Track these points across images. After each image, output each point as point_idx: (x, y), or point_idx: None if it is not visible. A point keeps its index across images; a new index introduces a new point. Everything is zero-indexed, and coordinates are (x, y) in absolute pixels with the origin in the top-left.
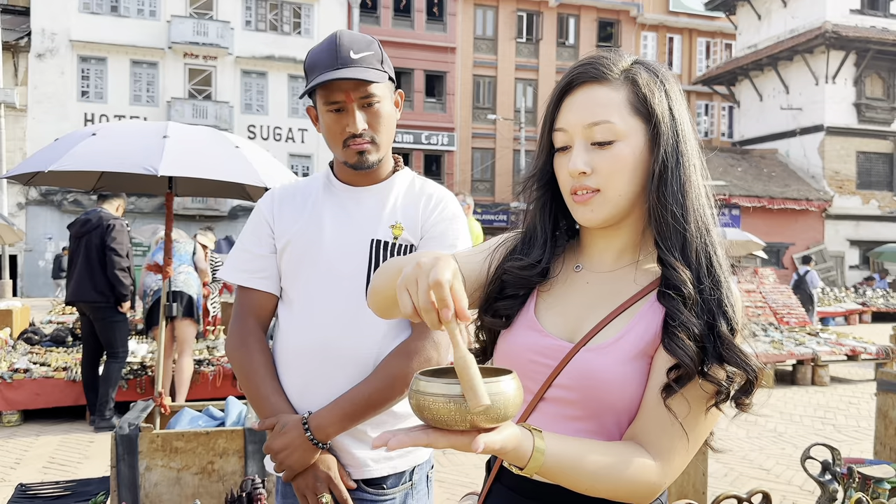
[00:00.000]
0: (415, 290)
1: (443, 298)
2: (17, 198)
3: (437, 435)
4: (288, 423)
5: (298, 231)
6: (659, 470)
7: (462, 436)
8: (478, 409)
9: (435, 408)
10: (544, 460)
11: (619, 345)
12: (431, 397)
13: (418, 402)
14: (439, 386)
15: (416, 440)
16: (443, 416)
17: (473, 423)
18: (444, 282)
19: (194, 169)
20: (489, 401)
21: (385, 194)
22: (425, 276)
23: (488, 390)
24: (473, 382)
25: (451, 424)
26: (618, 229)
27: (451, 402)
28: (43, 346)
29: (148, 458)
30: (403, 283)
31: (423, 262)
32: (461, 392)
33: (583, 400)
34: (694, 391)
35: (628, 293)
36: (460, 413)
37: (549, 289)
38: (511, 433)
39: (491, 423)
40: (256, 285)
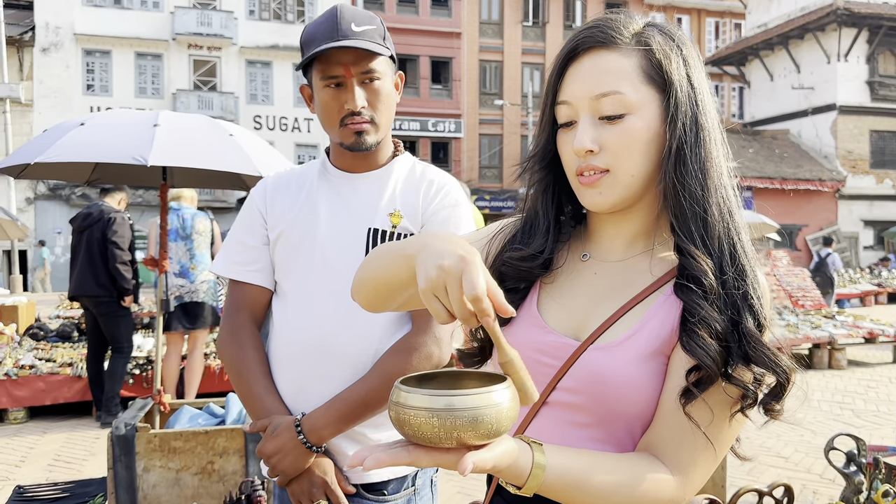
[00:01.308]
0: (446, 298)
1: (483, 310)
2: (25, 193)
3: (420, 453)
4: (280, 426)
5: (292, 221)
6: (677, 486)
7: (448, 454)
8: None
9: (416, 423)
10: (545, 478)
11: (631, 343)
12: (412, 411)
13: (398, 416)
14: (421, 398)
15: (397, 458)
16: (425, 432)
17: (461, 439)
18: (481, 294)
19: (186, 158)
20: (532, 392)
21: (384, 181)
22: (456, 284)
23: (475, 402)
24: (524, 381)
25: (435, 441)
26: (629, 214)
27: (435, 417)
28: (49, 341)
29: (146, 459)
30: (430, 290)
31: (449, 267)
32: (446, 405)
33: (590, 405)
34: (717, 396)
35: (641, 285)
36: (445, 429)
37: (552, 281)
38: (505, 449)
39: (481, 439)
40: (249, 279)
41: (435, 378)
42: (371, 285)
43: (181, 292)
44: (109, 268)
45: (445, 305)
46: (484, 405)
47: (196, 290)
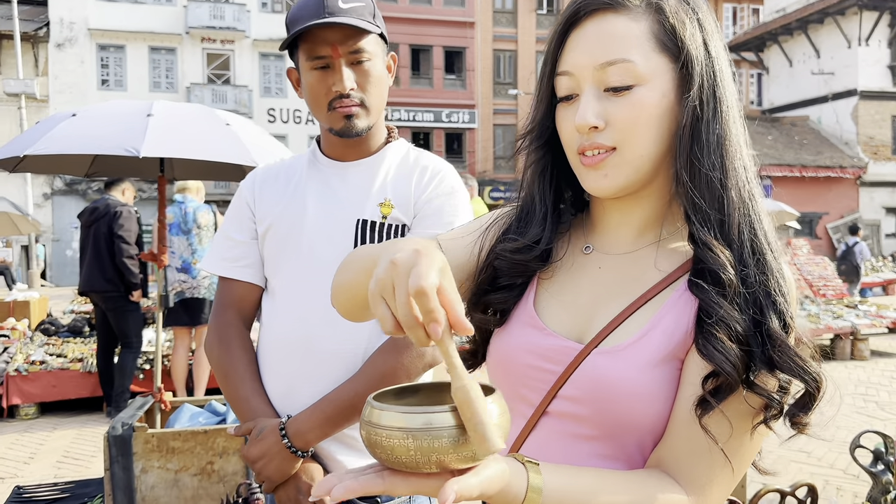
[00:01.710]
0: (392, 299)
1: (430, 311)
2: (42, 188)
3: (395, 480)
4: (265, 429)
5: (280, 214)
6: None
7: (429, 479)
8: (487, 454)
9: (390, 445)
10: (542, 502)
11: (641, 346)
12: (385, 431)
13: (369, 437)
14: (395, 416)
15: (369, 487)
16: (400, 455)
17: (442, 463)
18: (428, 289)
19: (180, 149)
20: (503, 444)
21: (374, 169)
22: (404, 279)
23: (457, 419)
24: (478, 420)
25: (412, 466)
26: (638, 199)
27: (410, 438)
28: (60, 336)
29: (143, 460)
30: (377, 291)
31: (400, 260)
32: (424, 423)
33: (595, 415)
34: (737, 406)
35: (651, 280)
36: (423, 451)
37: (551, 276)
38: (494, 472)
39: (465, 462)
40: (237, 275)
41: (417, 392)
42: (345, 295)
43: (182, 287)
44: (116, 262)
45: (392, 309)
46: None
47: (198, 285)
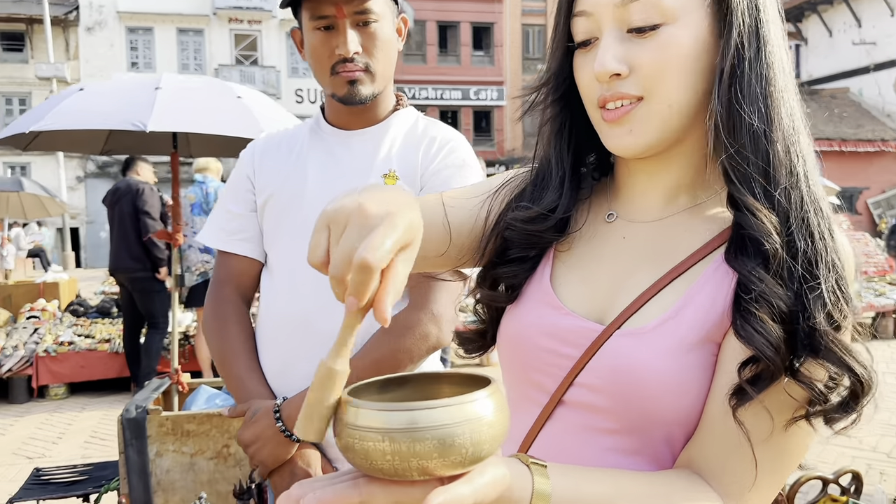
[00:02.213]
0: (336, 239)
1: (359, 284)
2: (75, 171)
3: (374, 489)
4: (259, 411)
5: (280, 185)
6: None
7: (413, 488)
8: (299, 434)
9: (363, 448)
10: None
11: (671, 327)
12: (359, 432)
13: (342, 438)
14: (371, 414)
15: (343, 497)
16: (376, 461)
17: (426, 469)
18: (373, 266)
19: (188, 123)
20: (316, 436)
21: (380, 137)
22: (356, 233)
23: (442, 418)
24: (311, 401)
25: (390, 474)
26: (668, 159)
27: (388, 441)
28: (88, 317)
29: (158, 443)
30: (329, 217)
31: (367, 210)
32: (405, 423)
33: (617, 406)
34: (778, 397)
35: (684, 252)
36: (402, 456)
37: (569, 248)
38: (492, 479)
39: (454, 468)
40: (235, 248)
41: (404, 384)
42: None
43: (206, 268)
44: (142, 239)
45: (329, 245)
46: (455, 422)
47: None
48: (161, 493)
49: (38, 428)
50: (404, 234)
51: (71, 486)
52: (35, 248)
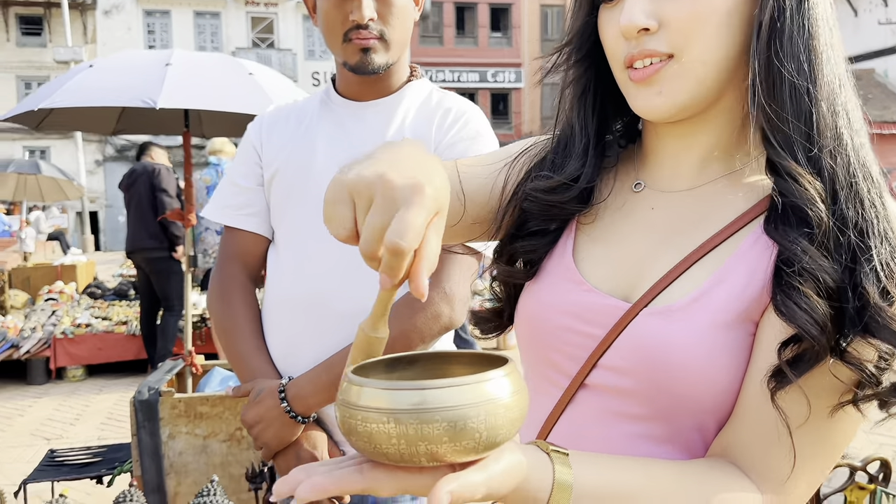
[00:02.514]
0: (363, 213)
1: (393, 267)
2: (94, 155)
3: (378, 475)
4: (263, 391)
5: (287, 158)
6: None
7: (421, 476)
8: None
9: (367, 431)
10: (573, 502)
11: (704, 304)
12: (362, 413)
13: (344, 421)
14: (375, 393)
15: (344, 484)
16: (380, 444)
17: (436, 455)
18: (405, 250)
19: (199, 100)
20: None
21: (392, 109)
22: (386, 209)
23: (454, 398)
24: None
25: (397, 459)
26: (702, 122)
27: (393, 423)
28: (106, 300)
29: (171, 425)
30: (351, 187)
31: (393, 183)
32: (413, 403)
33: (644, 390)
34: (821, 380)
35: (719, 223)
36: (409, 440)
37: (592, 220)
38: (507, 467)
39: (466, 454)
40: (241, 224)
41: (414, 363)
42: None
43: None
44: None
45: (357, 219)
46: (468, 403)
47: None
48: (174, 475)
49: (55, 409)
50: (433, 204)
51: (84, 468)
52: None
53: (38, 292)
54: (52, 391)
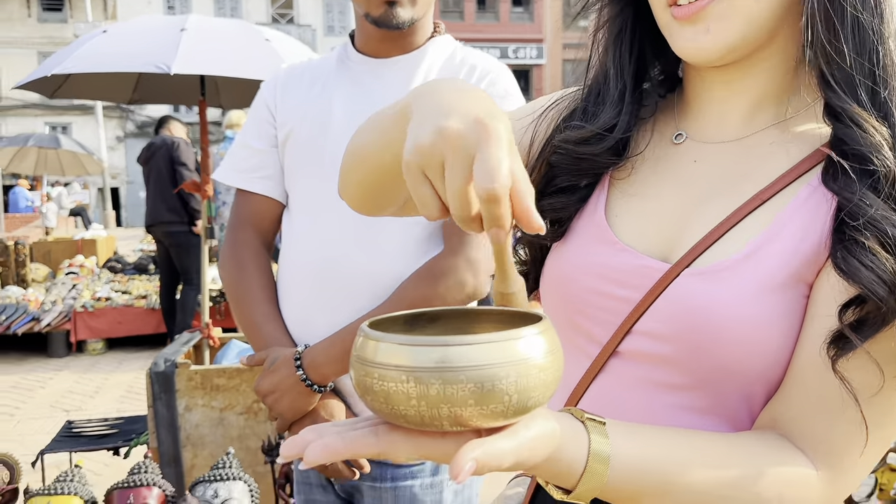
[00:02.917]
0: (440, 181)
1: (497, 217)
2: (115, 131)
3: (395, 439)
4: (278, 360)
5: (302, 118)
6: (824, 487)
7: (443, 441)
8: None
9: (384, 390)
10: (610, 476)
11: (753, 264)
12: (379, 370)
13: (359, 379)
14: (393, 349)
15: (357, 446)
16: (398, 405)
17: (460, 419)
18: (500, 193)
19: (215, 66)
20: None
21: (414, 67)
22: (463, 162)
23: (483, 356)
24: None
25: (416, 422)
26: (752, 66)
27: (413, 382)
28: (126, 273)
29: (187, 397)
30: (418, 165)
31: (454, 133)
32: (436, 361)
33: (685, 357)
34: (888, 345)
35: (768, 175)
36: (430, 402)
37: (628, 175)
38: (539, 433)
39: (494, 418)
40: (254, 187)
41: (436, 319)
42: (357, 171)
43: None
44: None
45: (439, 193)
46: (497, 362)
47: None
48: (190, 448)
49: (75, 382)
50: (505, 133)
51: (101, 440)
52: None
53: (59, 266)
54: (73, 364)
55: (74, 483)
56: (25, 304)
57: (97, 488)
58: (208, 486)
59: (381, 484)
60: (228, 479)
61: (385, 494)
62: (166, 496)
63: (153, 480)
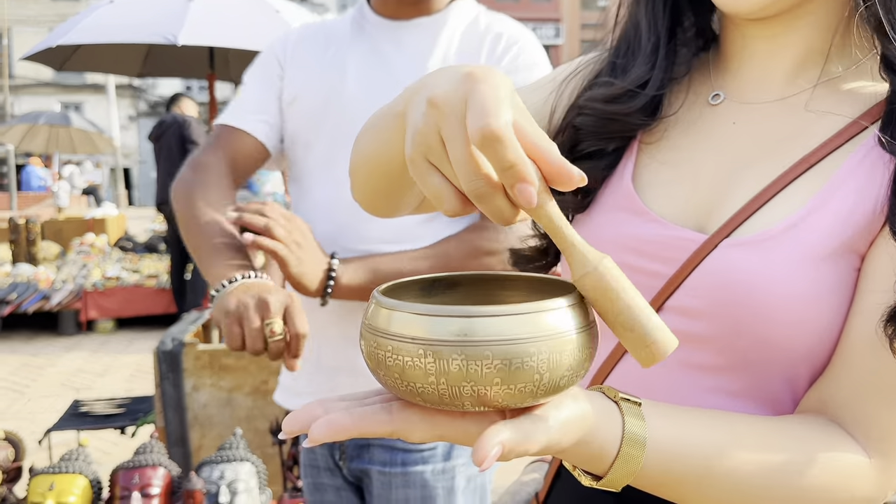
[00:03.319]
0: (445, 161)
1: (510, 164)
2: (127, 111)
3: (409, 416)
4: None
5: (312, 82)
6: (877, 475)
7: (462, 421)
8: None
9: (398, 365)
10: (645, 461)
11: (800, 233)
12: (393, 342)
13: (370, 351)
14: (411, 319)
15: (367, 425)
16: (415, 381)
17: (484, 398)
18: (500, 130)
19: (223, 37)
20: (673, 343)
21: (434, 32)
22: (457, 123)
23: (513, 329)
24: (634, 315)
25: (434, 400)
26: (797, 20)
27: (432, 356)
28: (137, 252)
29: (195, 377)
30: (419, 153)
31: (442, 97)
32: (457, 332)
33: (723, 335)
34: None
35: (815, 138)
36: (452, 378)
37: (659, 138)
38: (571, 416)
39: (520, 398)
40: (245, 125)
41: (455, 287)
42: (364, 175)
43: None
44: None
45: (448, 176)
46: (527, 336)
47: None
48: (197, 428)
49: (85, 361)
50: (503, 83)
51: (108, 419)
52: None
53: (70, 245)
54: (83, 343)
55: (79, 462)
56: (35, 283)
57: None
58: (215, 466)
59: (390, 469)
60: (235, 459)
61: (395, 480)
62: (172, 477)
63: (159, 461)
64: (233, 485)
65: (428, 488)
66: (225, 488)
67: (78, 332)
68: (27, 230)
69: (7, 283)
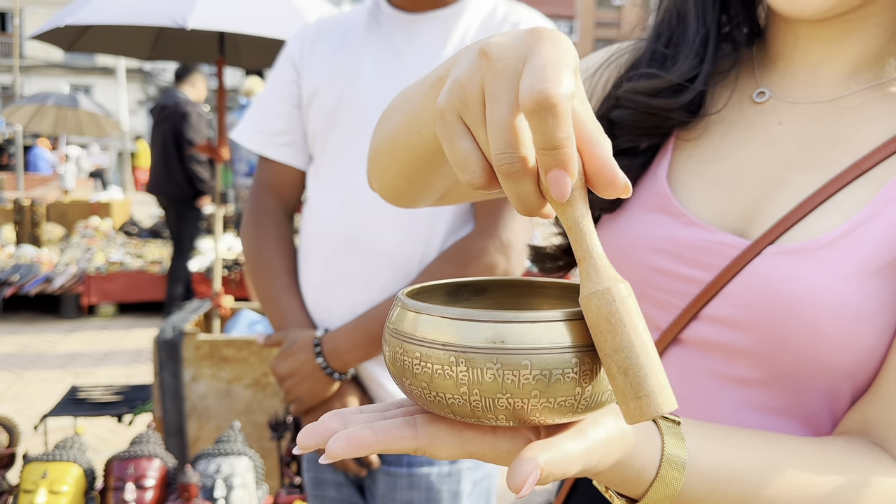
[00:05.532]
0: (481, 122)
1: (556, 144)
2: (136, 95)
3: (435, 431)
4: (297, 343)
5: (329, 78)
6: None
7: (494, 438)
8: (640, 419)
9: (426, 373)
10: (685, 484)
11: (849, 244)
12: (419, 349)
13: (394, 358)
14: (440, 323)
15: (390, 441)
16: (445, 392)
17: (519, 413)
18: (559, 100)
19: (233, 22)
20: (671, 405)
21: (451, 24)
22: (507, 81)
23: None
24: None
25: (464, 413)
26: (855, 23)
27: (464, 364)
28: (141, 237)
29: (194, 367)
30: (453, 106)
31: (497, 49)
32: (490, 339)
33: (764, 348)
34: None
35: (870, 141)
36: (486, 389)
37: (698, 137)
38: (610, 435)
39: (559, 414)
40: (275, 155)
41: (483, 290)
42: (386, 158)
43: None
44: (185, 167)
45: (479, 141)
46: (568, 345)
47: None
48: (195, 419)
49: (85, 345)
50: (571, 51)
51: (105, 406)
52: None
53: (74, 227)
54: (83, 327)
55: (74, 450)
56: (39, 265)
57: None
58: (211, 460)
59: (395, 469)
60: (232, 453)
61: (400, 481)
62: (168, 468)
63: (155, 452)
64: (229, 479)
65: (433, 491)
66: (221, 482)
67: (79, 316)
68: (32, 212)
69: (10, 264)
